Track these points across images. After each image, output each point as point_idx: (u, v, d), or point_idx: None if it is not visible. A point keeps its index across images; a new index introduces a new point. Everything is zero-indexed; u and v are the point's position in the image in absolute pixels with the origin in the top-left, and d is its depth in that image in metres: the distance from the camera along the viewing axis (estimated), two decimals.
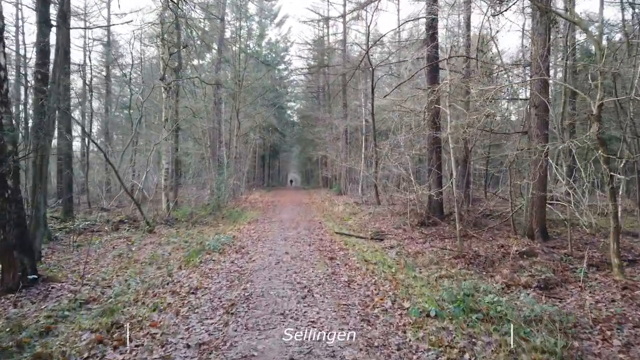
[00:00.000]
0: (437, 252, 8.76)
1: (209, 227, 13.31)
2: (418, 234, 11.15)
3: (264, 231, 11.74)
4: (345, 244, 9.84)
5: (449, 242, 9.95)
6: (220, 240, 9.27)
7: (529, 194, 9.28)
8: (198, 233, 11.78)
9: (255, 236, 10.73)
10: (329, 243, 9.84)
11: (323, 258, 7.69)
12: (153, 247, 9.65)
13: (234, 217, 16.11)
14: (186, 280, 6.17)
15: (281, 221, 14.68)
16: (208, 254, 8.25)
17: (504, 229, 11.13)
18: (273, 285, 5.74)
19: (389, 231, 12.23)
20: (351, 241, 10.35)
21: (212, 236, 10.92)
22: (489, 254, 8.28)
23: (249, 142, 33.45)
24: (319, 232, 11.68)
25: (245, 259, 7.65)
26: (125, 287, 5.92)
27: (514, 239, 9.39)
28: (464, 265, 7.66)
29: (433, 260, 7.94)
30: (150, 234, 11.55)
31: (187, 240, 10.28)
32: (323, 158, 34.96)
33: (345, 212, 17.95)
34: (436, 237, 10.55)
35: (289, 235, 10.77)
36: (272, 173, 58.33)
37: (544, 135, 9.05)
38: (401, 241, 10.40)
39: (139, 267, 7.44)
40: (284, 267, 6.87)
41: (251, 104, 30.16)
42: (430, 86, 11.10)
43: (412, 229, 11.88)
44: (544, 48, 8.81)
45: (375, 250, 9.14)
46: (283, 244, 9.38)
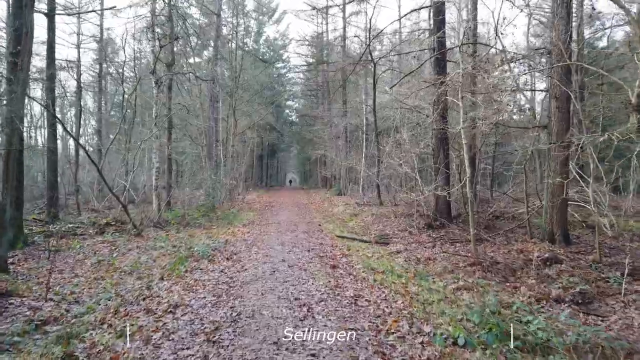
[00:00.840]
0: (449, 258, 7.95)
1: (201, 230, 12.47)
2: (426, 238, 10.33)
3: (260, 234, 10.91)
4: (348, 249, 9.01)
5: (460, 247, 9.14)
6: (211, 245, 8.44)
7: (548, 193, 8.45)
8: (189, 237, 10.95)
9: (249, 240, 9.90)
10: (330, 248, 9.02)
11: (324, 266, 6.86)
12: (138, 252, 8.82)
13: (229, 219, 15.29)
14: (166, 294, 5.34)
15: (278, 223, 13.84)
16: (196, 261, 7.42)
17: (517, 231, 10.32)
18: (266, 301, 4.90)
19: (394, 234, 11.41)
20: (354, 245, 9.54)
21: (203, 240, 10.09)
22: (508, 260, 7.46)
23: (246, 141, 32.62)
24: (319, 236, 10.85)
25: (236, 268, 6.81)
26: (94, 304, 5.09)
27: (532, 244, 8.57)
28: (481, 273, 6.85)
29: (447, 268, 7.13)
30: (137, 238, 10.72)
31: (176, 245, 9.45)
32: (322, 157, 34.14)
33: (345, 213, 17.12)
34: (446, 241, 9.73)
35: (286, 240, 9.94)
36: (270, 173, 57.49)
37: (566, 130, 8.24)
38: (408, 245, 9.59)
39: (117, 277, 6.61)
40: (280, 277, 6.03)
41: (248, 102, 29.31)
42: (439, 77, 10.28)
43: (419, 231, 11.06)
44: (567, 33, 8.00)
45: (380, 256, 8.32)
46: (280, 249, 8.54)
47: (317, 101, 38.40)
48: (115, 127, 32.31)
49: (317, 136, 31.47)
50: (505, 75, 7.69)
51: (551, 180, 8.32)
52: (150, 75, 14.82)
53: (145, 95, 20.71)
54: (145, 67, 26.89)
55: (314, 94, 39.56)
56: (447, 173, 11.88)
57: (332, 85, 31.20)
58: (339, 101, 27.38)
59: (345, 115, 25.41)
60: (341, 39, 26.86)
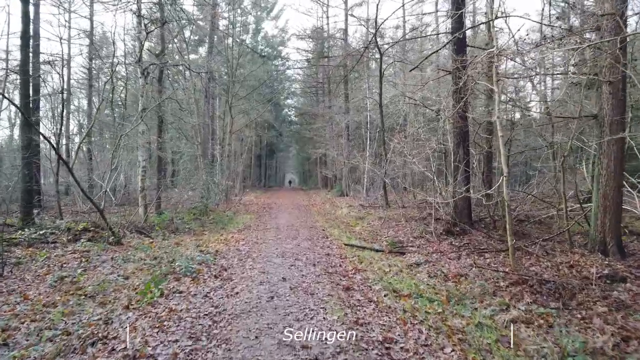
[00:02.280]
0: (483, 274, 6.59)
1: (191, 236, 11.11)
2: (447, 246, 8.97)
3: (256, 242, 9.53)
4: (360, 261, 7.65)
5: (491, 258, 7.78)
6: (196, 259, 7.05)
7: (599, 195, 7.09)
8: (175, 245, 9.57)
9: (244, 250, 8.51)
10: (339, 260, 7.65)
11: (336, 288, 5.47)
12: (111, 266, 7.45)
13: (223, 223, 13.92)
14: (127, 335, 3.95)
15: (277, 228, 12.47)
16: (176, 280, 6.03)
17: (550, 238, 9.00)
18: (262, 351, 3.49)
19: (408, 241, 10.06)
20: (365, 256, 8.17)
21: (190, 250, 8.71)
22: (559, 278, 6.10)
23: (244, 140, 31.25)
24: (324, 244, 9.48)
25: (225, 291, 5.41)
26: (26, 349, 3.72)
27: (579, 255, 7.21)
28: (531, 296, 5.48)
29: (485, 289, 5.76)
30: (115, 247, 9.33)
31: (158, 256, 8.07)
32: (322, 157, 32.77)
33: (350, 216, 15.77)
34: (472, 251, 8.36)
35: (286, 249, 8.55)
36: (269, 173, 56.17)
37: (621, 120, 6.89)
38: (428, 256, 8.23)
39: (75, 302, 5.22)
40: (281, 307, 4.62)
41: (246, 98, 27.94)
42: (462, 60, 8.91)
43: (437, 238, 9.70)
44: (624, 3, 6.65)
45: (399, 271, 6.96)
46: (279, 262, 7.15)
47: (316, 99, 37.03)
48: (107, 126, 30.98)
49: (317, 135, 30.11)
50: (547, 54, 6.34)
51: (603, 179, 6.97)
52: (135, 65, 13.44)
53: (138, 93, 19.22)
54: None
55: (313, 91, 38.19)
56: (467, 172, 10.53)
57: (334, 81, 29.87)
58: (341, 97, 25.99)
59: (348, 112, 24.05)
60: (343, 32, 25.47)
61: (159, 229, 11.42)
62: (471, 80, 8.30)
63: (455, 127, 10.59)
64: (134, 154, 20.82)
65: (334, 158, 26.39)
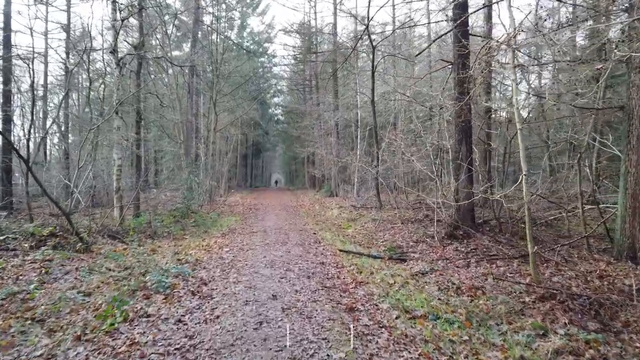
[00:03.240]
0: (499, 285, 5.78)
1: (170, 241, 10.14)
2: (453, 252, 8.17)
3: (242, 249, 8.58)
4: (359, 270, 6.78)
5: (503, 266, 6.98)
6: (172, 271, 6.08)
7: (627, 196, 6.34)
8: (151, 252, 8.59)
9: (228, 258, 7.57)
10: (335, 270, 6.76)
11: (337, 309, 4.57)
12: (74, 278, 6.46)
13: (206, 226, 12.93)
14: None
15: (265, 231, 11.54)
16: (146, 298, 5.08)
17: (569, 242, 8.26)
18: None
19: (408, 246, 9.24)
20: (364, 265, 7.32)
21: (167, 258, 7.75)
22: (591, 292, 5.31)
23: (229, 138, 30.14)
24: (317, 250, 8.59)
25: (203, 313, 4.47)
26: None
27: (605, 263, 6.46)
28: (563, 314, 4.69)
29: (510, 306, 4.94)
30: (83, 254, 8.31)
31: (130, 266, 7.09)
32: (310, 156, 31.88)
33: (341, 217, 14.92)
34: (481, 257, 7.56)
35: (276, 257, 7.63)
36: (255, 173, 55.08)
37: None
38: (433, 263, 7.41)
39: (18, 328, 4.25)
40: (271, 339, 3.61)
41: (231, 95, 26.88)
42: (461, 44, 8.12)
43: (440, 243, 8.89)
44: None
45: (405, 282, 6.11)
46: (268, 274, 6.22)
47: (304, 97, 36.10)
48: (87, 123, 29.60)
49: (305, 133, 29.18)
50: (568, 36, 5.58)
51: (632, 178, 6.22)
52: (110, 56, 12.38)
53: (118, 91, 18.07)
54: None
55: (300, 89, 37.26)
56: (471, 171, 9.75)
57: (322, 77, 29.00)
58: (330, 94, 25.12)
59: (337, 110, 23.19)
60: (332, 27, 24.60)
61: (133, 233, 10.41)
62: (480, 69, 7.49)
63: (457, 123, 9.80)
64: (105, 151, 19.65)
65: (323, 157, 25.53)
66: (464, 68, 9.55)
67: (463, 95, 9.35)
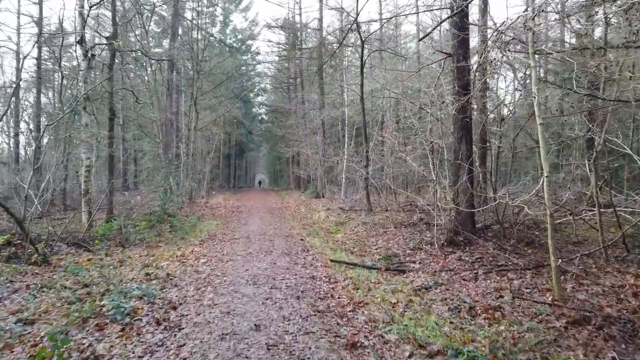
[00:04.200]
0: (523, 306, 4.98)
1: (142, 250, 9.16)
2: (456, 261, 7.39)
3: (221, 260, 7.65)
4: (355, 286, 5.93)
5: (516, 278, 6.21)
6: (134, 292, 5.11)
7: None
8: (118, 263, 7.61)
9: (204, 272, 6.63)
10: (328, 286, 5.89)
11: (335, 345, 3.63)
12: (22, 298, 5.48)
13: (184, 231, 11.94)
14: None
15: (248, 237, 10.62)
16: (99, 329, 4.13)
17: (589, 252, 7.59)
18: None
19: (405, 254, 8.44)
20: (359, 277, 6.49)
21: (135, 272, 6.79)
22: (629, 313, 4.56)
23: (211, 138, 28.99)
24: (306, 260, 7.71)
25: (167, 354, 3.54)
26: None
27: (633, 277, 5.73)
28: (604, 343, 3.91)
29: (540, 334, 4.15)
30: (39, 267, 7.30)
31: (90, 282, 6.12)
32: (295, 156, 30.94)
33: (329, 221, 14.07)
34: (490, 269, 6.79)
35: (259, 270, 6.71)
36: (238, 174, 53.90)
37: None
38: (436, 275, 6.62)
39: None
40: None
41: (212, 93, 25.83)
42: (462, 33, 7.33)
43: (440, 251, 8.09)
44: None
45: (408, 301, 5.29)
46: (250, 294, 5.30)
47: (288, 96, 35.15)
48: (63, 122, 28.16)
49: (289, 133, 28.23)
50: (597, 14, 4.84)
51: None
52: (77, 45, 11.30)
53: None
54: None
55: (285, 87, 36.30)
56: (472, 171, 8.99)
57: (308, 74, 28.13)
58: (315, 92, 24.26)
59: (323, 107, 22.34)
60: (318, 22, 23.74)
61: (98, 242, 9.39)
62: (485, 58, 6.70)
63: (457, 119, 9.03)
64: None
65: (308, 157, 24.64)
66: (464, 59, 8.81)
67: (464, 89, 8.62)
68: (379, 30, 19.05)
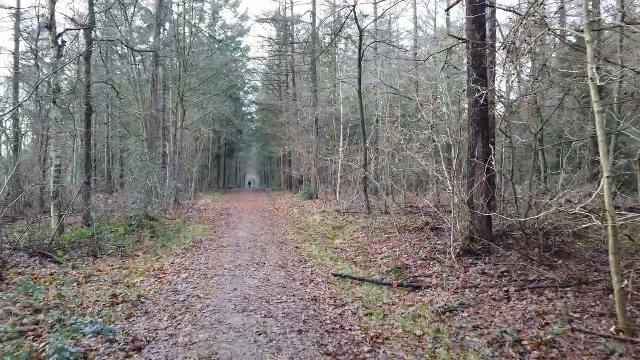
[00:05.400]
0: (583, 340, 3.97)
1: (117, 261, 8.02)
2: (478, 275, 6.38)
3: (206, 275, 6.53)
4: (368, 310, 4.88)
5: (556, 298, 5.22)
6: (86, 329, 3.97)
7: None
8: (84, 279, 6.47)
9: (184, 292, 5.51)
10: (335, 312, 4.83)
11: None
12: None
13: (167, 238, 10.79)
14: None
15: (237, 245, 9.53)
16: None
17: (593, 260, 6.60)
18: None
19: (416, 265, 7.43)
20: (369, 296, 5.46)
21: (102, 292, 5.67)
22: None
23: (199, 137, 27.74)
24: (305, 275, 6.64)
25: None
26: None
27: None
28: None
29: None
30: None
31: (43, 307, 4.99)
32: (287, 156, 29.79)
33: (325, 225, 13.05)
34: (522, 285, 5.79)
35: (250, 289, 5.61)
36: (228, 174, 52.61)
37: None
38: (459, 293, 5.61)
39: None
40: None
41: (200, 90, 24.68)
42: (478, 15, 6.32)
43: (458, 261, 7.06)
44: None
45: (437, 331, 4.27)
46: (239, 326, 4.16)
47: (280, 94, 33.99)
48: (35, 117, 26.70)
49: (281, 131, 27.04)
50: None
51: None
52: (46, 31, 10.10)
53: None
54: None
55: (276, 84, 35.15)
56: (490, 171, 7.99)
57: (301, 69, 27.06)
58: (309, 86, 23.18)
59: (317, 104, 21.27)
60: (310, 15, 22.65)
61: (60, 253, 8.20)
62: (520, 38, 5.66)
63: (473, 113, 8.03)
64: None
65: (301, 156, 23.55)
66: (482, 43, 7.82)
67: (481, 78, 7.62)
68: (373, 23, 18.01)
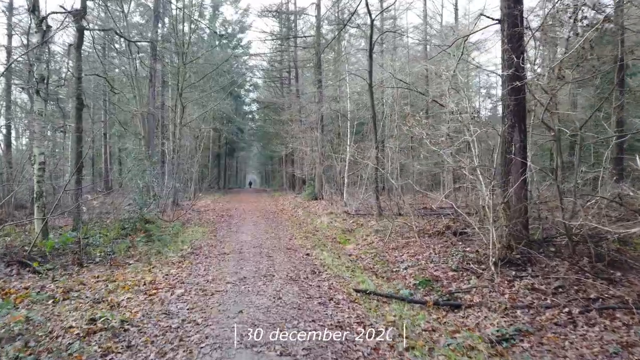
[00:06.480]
0: None
1: (104, 271, 7.05)
2: (528, 291, 5.40)
3: (205, 291, 5.54)
4: (407, 341, 3.89)
5: (634, 323, 4.24)
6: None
7: None
8: (63, 295, 5.49)
9: (178, 316, 4.53)
10: (367, 344, 3.84)
11: None
12: None
13: (163, 243, 9.81)
14: None
15: (240, 252, 8.55)
16: None
17: None
18: None
19: (447, 277, 6.47)
20: (403, 319, 4.50)
21: (81, 311, 4.70)
22: None
23: (199, 136, 26.72)
24: (321, 290, 5.65)
25: None
26: None
27: None
28: None
29: None
30: None
31: (7, 333, 4.02)
32: (289, 155, 28.78)
33: (334, 228, 12.07)
34: (586, 305, 4.81)
35: (259, 312, 4.63)
36: (229, 174, 51.61)
37: None
38: (510, 314, 4.67)
39: None
40: None
41: (200, 86, 23.68)
42: None
43: (497, 273, 6.07)
44: None
45: None
46: None
47: (282, 92, 32.98)
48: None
49: (283, 130, 26.02)
50: None
51: None
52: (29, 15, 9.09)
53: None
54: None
55: (278, 82, 34.14)
56: (525, 168, 7.03)
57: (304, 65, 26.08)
58: (314, 82, 22.20)
59: (322, 101, 20.28)
60: (315, 7, 21.65)
61: (37, 264, 7.22)
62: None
63: (508, 102, 7.06)
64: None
65: (305, 155, 22.55)
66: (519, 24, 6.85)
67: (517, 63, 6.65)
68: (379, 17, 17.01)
